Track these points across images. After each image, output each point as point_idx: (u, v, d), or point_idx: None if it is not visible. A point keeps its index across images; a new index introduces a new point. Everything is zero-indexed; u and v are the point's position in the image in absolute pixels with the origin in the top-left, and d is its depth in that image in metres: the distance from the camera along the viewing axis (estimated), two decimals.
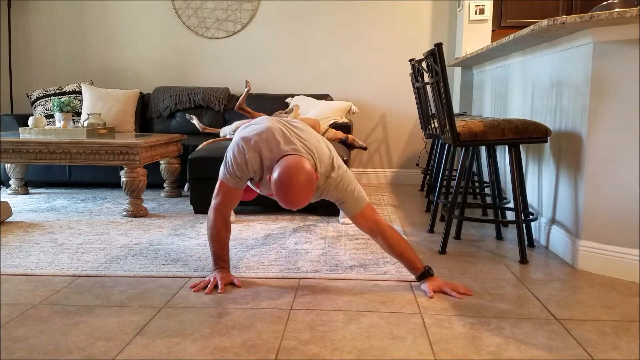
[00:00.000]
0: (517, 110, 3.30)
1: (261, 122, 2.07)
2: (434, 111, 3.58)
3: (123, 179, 3.28)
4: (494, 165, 2.93)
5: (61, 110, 3.62)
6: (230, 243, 2.69)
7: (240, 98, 3.37)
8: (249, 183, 2.24)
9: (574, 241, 2.40)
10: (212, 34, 4.82)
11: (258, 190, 2.33)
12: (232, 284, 2.09)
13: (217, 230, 2.10)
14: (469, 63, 4.16)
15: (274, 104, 4.46)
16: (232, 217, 3.15)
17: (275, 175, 1.87)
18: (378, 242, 2.11)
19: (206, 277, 2.14)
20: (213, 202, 2.11)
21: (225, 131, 3.62)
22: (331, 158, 2.04)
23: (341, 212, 3.01)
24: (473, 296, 2.00)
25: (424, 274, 2.06)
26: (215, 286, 2.05)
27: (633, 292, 2.08)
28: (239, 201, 2.16)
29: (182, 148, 4.01)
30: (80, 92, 4.58)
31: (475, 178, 3.64)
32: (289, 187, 1.84)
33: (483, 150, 3.65)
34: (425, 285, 2.04)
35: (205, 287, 2.04)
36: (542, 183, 2.83)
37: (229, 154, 2.05)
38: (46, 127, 3.67)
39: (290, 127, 2.07)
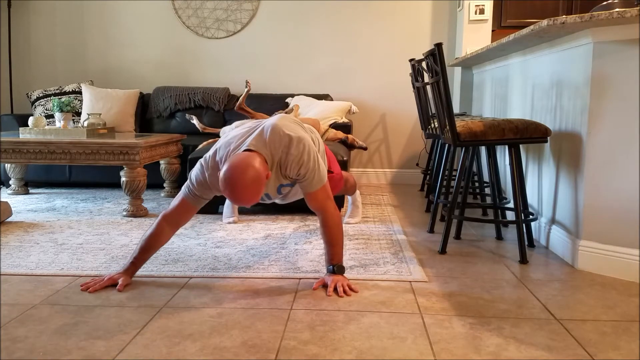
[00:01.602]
0: (517, 110, 3.30)
1: (221, 136, 2.07)
2: (434, 111, 3.58)
3: (123, 179, 3.28)
4: (494, 165, 2.93)
5: (61, 110, 3.62)
6: (230, 243, 2.69)
7: (241, 98, 3.37)
8: None
9: (574, 241, 2.40)
10: (212, 34, 4.82)
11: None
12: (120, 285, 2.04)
13: (155, 232, 2.08)
14: (469, 63, 4.16)
15: (274, 104, 4.46)
16: (235, 217, 3.14)
17: (221, 173, 1.87)
18: (319, 222, 2.15)
19: (104, 277, 2.09)
20: (166, 210, 2.10)
21: (225, 131, 3.62)
22: (289, 136, 2.01)
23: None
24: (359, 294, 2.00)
25: (331, 269, 2.11)
26: (114, 285, 2.04)
27: (633, 292, 2.08)
28: (190, 219, 2.16)
29: (182, 148, 4.00)
30: (80, 92, 4.58)
31: (475, 178, 3.64)
32: (234, 186, 1.84)
33: (483, 150, 3.65)
34: (322, 278, 2.13)
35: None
36: (542, 183, 2.83)
37: (192, 173, 2.08)
38: (46, 127, 3.67)
39: (249, 127, 2.08)
